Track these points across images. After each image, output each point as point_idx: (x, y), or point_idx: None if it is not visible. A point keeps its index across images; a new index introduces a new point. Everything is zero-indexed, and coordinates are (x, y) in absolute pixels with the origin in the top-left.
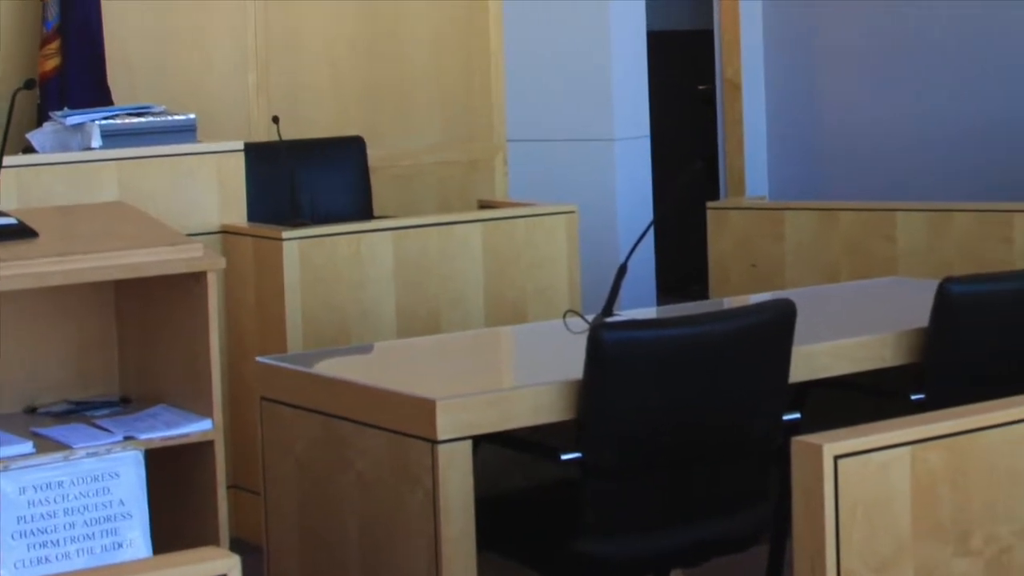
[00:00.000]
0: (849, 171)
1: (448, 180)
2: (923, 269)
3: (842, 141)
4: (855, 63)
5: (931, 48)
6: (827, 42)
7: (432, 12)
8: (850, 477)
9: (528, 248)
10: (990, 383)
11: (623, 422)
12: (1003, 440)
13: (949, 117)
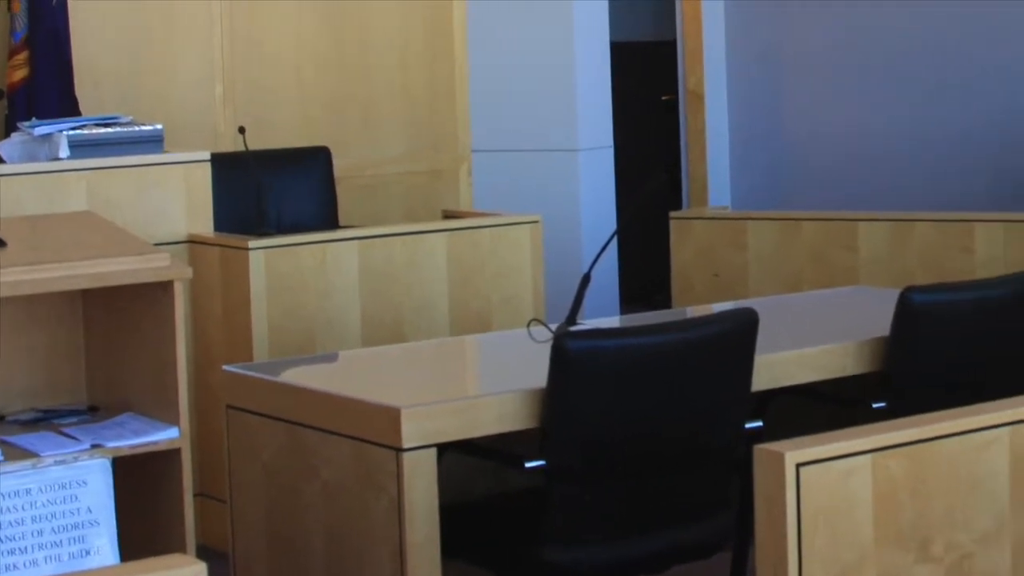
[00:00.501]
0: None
1: (413, 190)
2: (885, 278)
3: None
4: (818, 74)
5: (893, 59)
6: (790, 53)
7: (397, 23)
8: (812, 485)
9: (492, 258)
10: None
11: (587, 430)
12: (964, 448)
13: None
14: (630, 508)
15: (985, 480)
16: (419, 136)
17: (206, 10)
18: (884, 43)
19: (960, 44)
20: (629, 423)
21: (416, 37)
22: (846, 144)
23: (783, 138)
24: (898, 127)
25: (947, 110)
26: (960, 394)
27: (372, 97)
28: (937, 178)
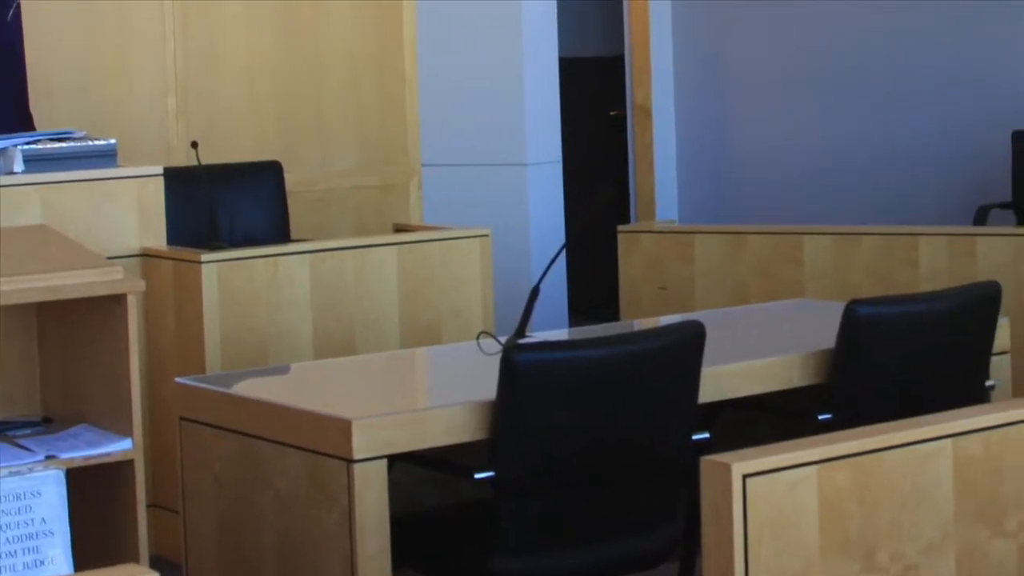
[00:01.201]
0: (758, 195)
1: (364, 204)
2: (830, 291)
3: (751, 165)
4: (764, 90)
5: (839, 75)
6: (736, 69)
7: (348, 39)
8: (758, 496)
9: (442, 271)
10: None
11: (535, 442)
12: (908, 459)
13: (856, 142)
14: (578, 519)
15: (929, 491)
16: (370, 150)
17: (159, 25)
18: (830, 59)
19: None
20: (577, 435)
21: (367, 52)
22: (792, 159)
23: (730, 153)
24: (843, 142)
25: (892, 125)
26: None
27: (323, 112)
28: (882, 192)
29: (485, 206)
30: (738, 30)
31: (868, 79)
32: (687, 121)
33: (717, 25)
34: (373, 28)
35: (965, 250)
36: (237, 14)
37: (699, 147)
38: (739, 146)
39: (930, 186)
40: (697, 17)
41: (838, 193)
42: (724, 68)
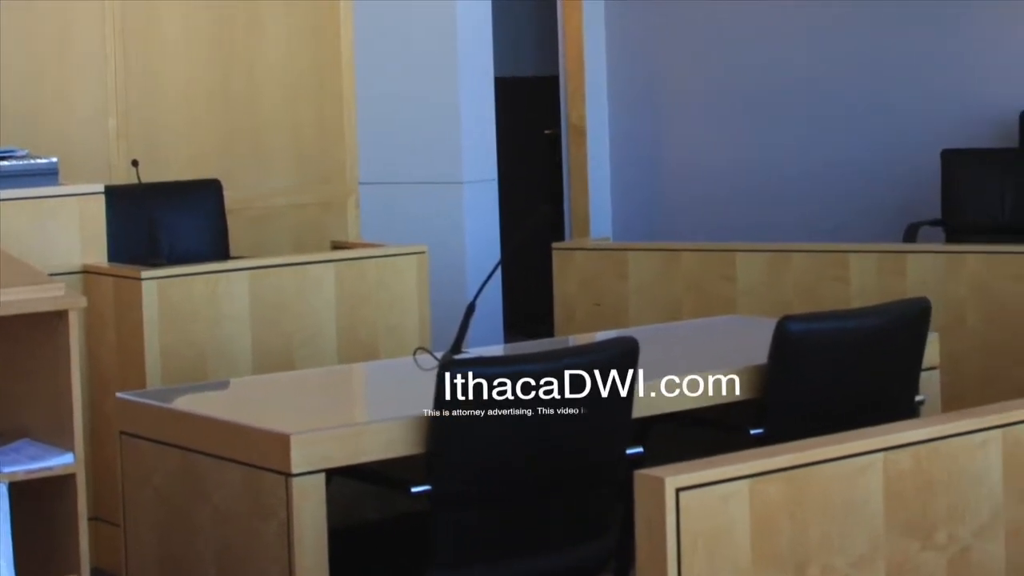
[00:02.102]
0: (690, 213)
1: (302, 221)
2: (762, 307)
3: (684, 183)
4: (697, 109)
5: (771, 94)
6: (669, 88)
7: (286, 59)
8: (691, 509)
9: (379, 287)
10: (827, 418)
11: (471, 456)
12: (839, 473)
13: (787, 161)
14: (514, 532)
15: (860, 504)
16: (308, 169)
17: (100, 47)
18: (762, 79)
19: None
20: (513, 449)
21: (304, 72)
22: (725, 177)
23: (663, 171)
24: (775, 160)
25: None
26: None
27: (262, 131)
28: (813, 210)
29: (422, 223)
30: (671, 50)
31: (799, 98)
32: (621, 140)
33: (650, 45)
34: (310, 49)
35: (895, 267)
36: (176, 36)
37: (632, 165)
38: (672, 164)
39: (860, 204)
40: (631, 37)
41: (770, 211)
42: (657, 87)
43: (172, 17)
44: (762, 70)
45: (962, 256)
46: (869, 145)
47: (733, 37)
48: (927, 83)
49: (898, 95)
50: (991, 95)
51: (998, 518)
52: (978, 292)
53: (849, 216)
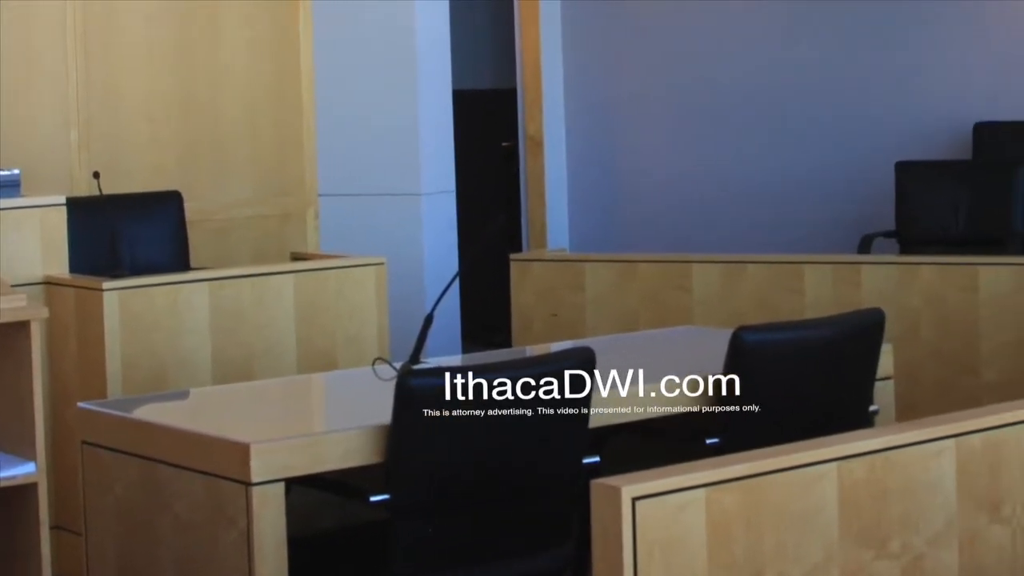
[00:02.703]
0: (647, 224)
1: (262, 233)
2: (717, 318)
3: (640, 195)
4: (653, 121)
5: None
6: (626, 101)
7: (246, 73)
8: (647, 518)
9: (339, 298)
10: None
11: (429, 465)
12: (794, 483)
13: (743, 172)
14: (472, 540)
15: (815, 513)
16: (268, 181)
17: (62, 60)
18: (718, 92)
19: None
20: (471, 458)
21: (264, 85)
22: (681, 188)
23: (619, 183)
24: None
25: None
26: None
27: (222, 143)
28: (768, 221)
29: (380, 235)
30: (628, 64)
31: (755, 111)
32: (577, 152)
33: (607, 59)
34: (271, 61)
35: (849, 278)
36: (137, 49)
37: (589, 177)
38: (629, 176)
39: (815, 215)
40: (587, 51)
41: (726, 222)
42: (614, 100)
43: (133, 30)
44: (717, 84)
45: (916, 267)
46: (824, 157)
47: (689, 51)
48: (881, 95)
49: (852, 108)
50: (944, 107)
51: (952, 527)
52: (932, 303)
53: (804, 227)
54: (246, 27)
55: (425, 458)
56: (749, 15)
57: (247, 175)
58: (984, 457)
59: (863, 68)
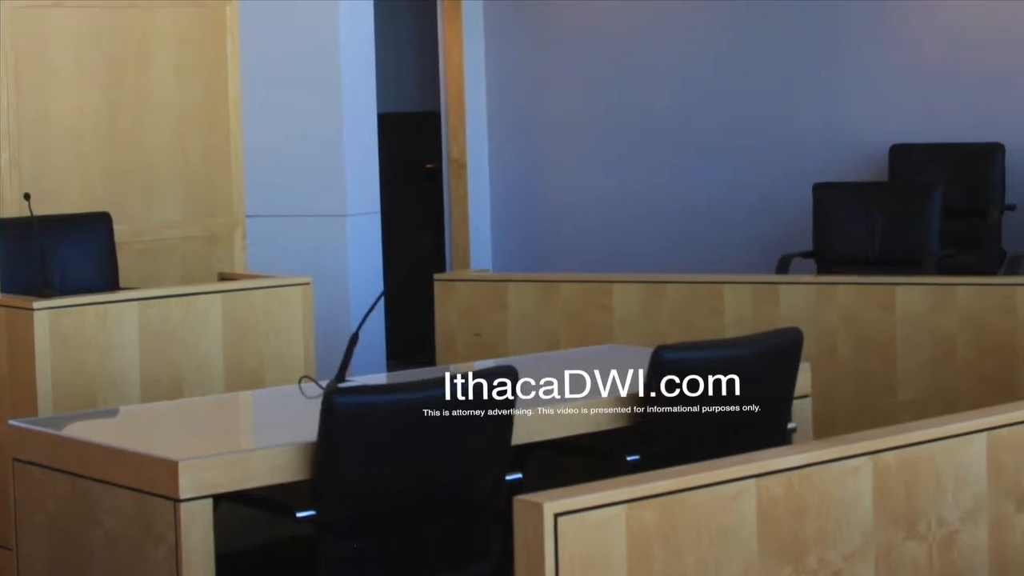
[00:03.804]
0: (568, 245)
1: (190, 254)
2: (638, 337)
3: (562, 216)
4: (574, 144)
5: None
6: (548, 124)
7: (174, 95)
8: (569, 534)
9: (266, 317)
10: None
11: (355, 482)
12: (712, 499)
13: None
14: (397, 556)
15: (734, 529)
16: (196, 202)
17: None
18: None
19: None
20: (395, 474)
21: (193, 108)
22: (602, 209)
23: (542, 204)
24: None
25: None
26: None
27: (151, 165)
28: (689, 242)
29: (307, 255)
30: (549, 87)
31: (674, 134)
32: (500, 174)
33: (529, 83)
34: (199, 84)
35: (768, 298)
36: (68, 73)
37: (512, 199)
38: (550, 198)
39: (734, 236)
40: (510, 75)
41: (646, 242)
42: (536, 123)
43: (64, 54)
44: (637, 107)
45: (833, 287)
46: (743, 179)
47: (611, 74)
48: (799, 119)
49: (771, 130)
50: (861, 130)
51: (868, 543)
52: (849, 322)
53: (723, 248)
54: (175, 51)
55: (350, 475)
56: (670, 40)
57: (176, 197)
58: (900, 474)
59: (782, 92)
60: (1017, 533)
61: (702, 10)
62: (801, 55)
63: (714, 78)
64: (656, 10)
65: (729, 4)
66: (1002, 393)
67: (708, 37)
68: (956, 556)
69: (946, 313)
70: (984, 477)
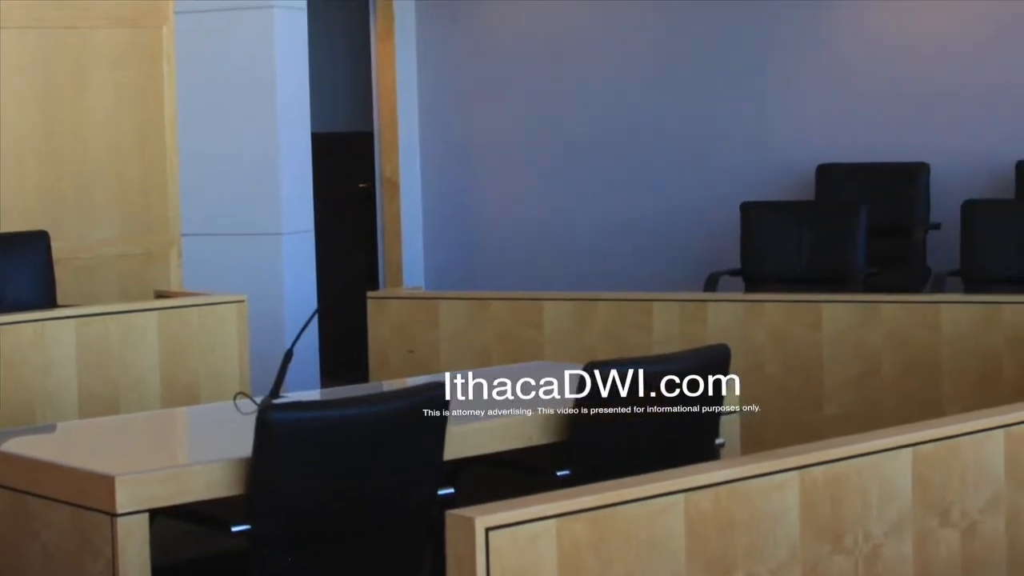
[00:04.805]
0: (500, 263)
1: (127, 271)
2: (568, 354)
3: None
4: (505, 164)
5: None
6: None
7: (111, 116)
8: (501, 548)
9: (201, 335)
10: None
11: (289, 496)
12: (642, 513)
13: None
14: (331, 570)
15: (663, 543)
16: (132, 220)
17: None
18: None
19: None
20: (329, 489)
21: (130, 128)
22: (533, 228)
23: (473, 223)
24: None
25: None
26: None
27: (88, 184)
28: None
29: (242, 273)
30: (481, 107)
31: (604, 153)
32: (432, 193)
33: (461, 103)
34: (136, 105)
35: (696, 315)
36: (6, 93)
37: (444, 217)
38: (482, 216)
39: (664, 254)
40: (442, 96)
41: (577, 260)
42: (467, 143)
43: (2, 76)
44: (569, 127)
45: (760, 305)
46: (672, 198)
47: (542, 95)
48: (727, 138)
49: (700, 150)
50: (788, 150)
51: (795, 557)
52: (776, 339)
53: (653, 266)
54: (112, 72)
55: (284, 490)
56: (601, 61)
57: (112, 215)
58: (827, 489)
59: (711, 112)
60: (941, 547)
61: (633, 31)
62: (729, 76)
63: (644, 98)
64: (587, 31)
65: (660, 26)
66: (926, 409)
67: (639, 58)
68: (881, 570)
69: (872, 330)
70: (909, 492)
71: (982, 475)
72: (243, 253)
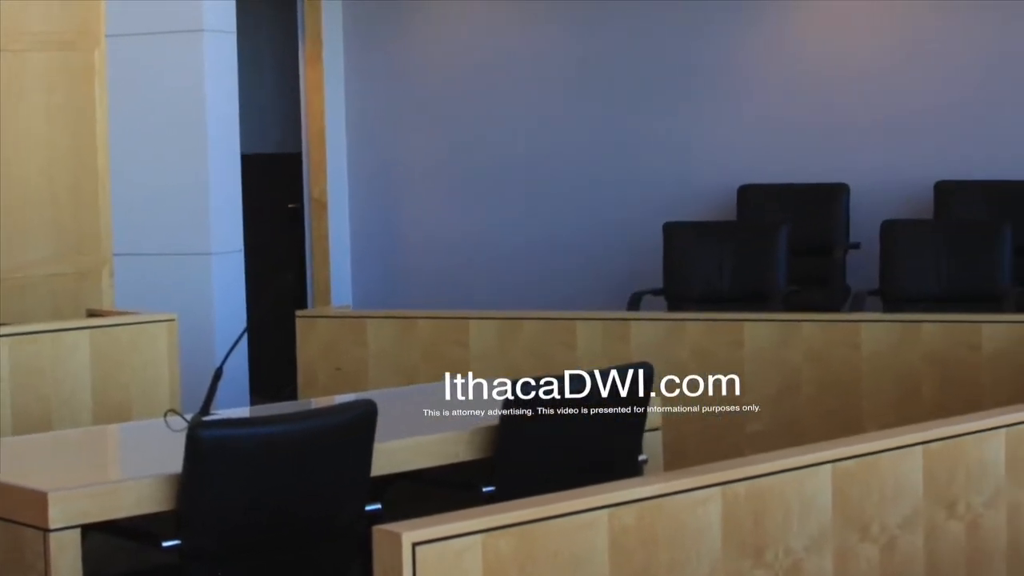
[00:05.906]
0: (426, 282)
1: (59, 291)
2: (494, 371)
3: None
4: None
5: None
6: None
7: (43, 136)
8: (427, 563)
9: (132, 353)
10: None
11: (219, 512)
12: (567, 528)
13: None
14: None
15: (587, 558)
16: (64, 240)
17: None
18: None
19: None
20: (259, 505)
21: (62, 149)
22: (459, 248)
23: (401, 243)
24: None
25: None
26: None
27: (21, 204)
28: (543, 280)
29: (172, 292)
30: (408, 128)
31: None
32: (360, 213)
33: (388, 125)
34: (68, 127)
35: (619, 333)
36: None
37: (372, 238)
38: (409, 236)
39: (588, 274)
40: (369, 117)
41: (502, 280)
42: (395, 164)
43: None
44: (492, 149)
45: (682, 323)
46: (595, 218)
47: (467, 117)
48: (651, 160)
49: (624, 171)
50: (710, 171)
51: (716, 571)
52: (698, 357)
53: (577, 285)
54: (44, 94)
55: (214, 506)
56: (524, 83)
57: (45, 235)
58: (748, 504)
59: (633, 134)
60: (861, 562)
61: (556, 53)
62: (652, 99)
63: (567, 119)
64: (511, 55)
65: (583, 49)
66: (846, 426)
67: (562, 81)
68: None
69: (792, 348)
70: (829, 507)
71: (901, 491)
72: (174, 273)
